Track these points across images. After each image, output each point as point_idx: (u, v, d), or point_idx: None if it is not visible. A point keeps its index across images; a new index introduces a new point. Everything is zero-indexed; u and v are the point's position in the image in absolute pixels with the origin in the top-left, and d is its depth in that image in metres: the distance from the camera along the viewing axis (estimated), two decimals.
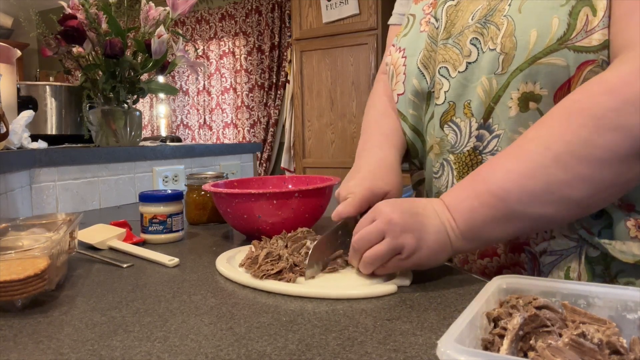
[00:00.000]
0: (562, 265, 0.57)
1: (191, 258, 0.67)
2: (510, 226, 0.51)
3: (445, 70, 0.62)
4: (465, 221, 0.51)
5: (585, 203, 0.49)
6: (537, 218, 0.49)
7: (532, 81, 0.54)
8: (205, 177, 0.92)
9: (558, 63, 0.52)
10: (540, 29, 0.52)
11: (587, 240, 0.55)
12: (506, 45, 0.55)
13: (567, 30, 0.51)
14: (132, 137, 1.43)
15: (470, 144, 0.61)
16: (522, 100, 0.55)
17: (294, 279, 0.54)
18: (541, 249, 0.58)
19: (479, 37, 0.58)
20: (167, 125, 4.54)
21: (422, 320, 0.44)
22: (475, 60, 0.59)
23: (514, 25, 0.54)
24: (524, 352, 0.32)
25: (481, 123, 0.59)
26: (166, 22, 1.37)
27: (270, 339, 0.40)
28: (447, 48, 0.62)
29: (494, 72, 0.56)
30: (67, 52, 1.32)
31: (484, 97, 0.58)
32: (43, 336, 0.42)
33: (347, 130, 3.23)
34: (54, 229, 0.62)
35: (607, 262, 0.55)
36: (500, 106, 0.57)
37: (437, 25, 0.65)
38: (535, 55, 0.53)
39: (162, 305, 0.49)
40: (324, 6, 3.19)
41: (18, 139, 1.17)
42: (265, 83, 4.13)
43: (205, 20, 4.42)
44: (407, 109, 0.70)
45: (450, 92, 0.62)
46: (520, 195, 0.48)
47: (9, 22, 4.91)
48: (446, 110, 0.63)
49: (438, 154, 0.66)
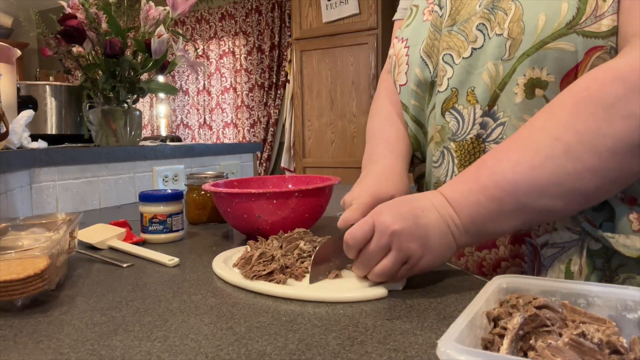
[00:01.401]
0: (563, 258, 0.56)
1: (191, 258, 0.67)
2: (516, 219, 0.49)
3: (450, 57, 0.61)
4: (470, 216, 0.50)
5: (592, 195, 0.48)
6: (543, 211, 0.48)
7: (539, 67, 0.53)
8: (205, 176, 0.92)
9: (566, 48, 0.51)
10: (549, 13, 0.51)
11: (589, 233, 0.54)
12: (514, 30, 0.54)
13: (576, 14, 0.50)
14: (132, 137, 1.43)
15: (473, 131, 0.59)
16: (528, 87, 0.54)
17: (284, 280, 0.53)
18: (543, 241, 0.57)
19: (485, 23, 0.57)
20: (167, 125, 4.54)
21: (422, 320, 0.44)
22: (481, 46, 0.58)
23: (522, 9, 0.53)
24: (524, 352, 0.32)
25: (486, 110, 0.58)
26: (166, 22, 1.37)
27: (270, 338, 0.40)
28: (452, 35, 0.61)
29: (500, 57, 0.55)
30: (67, 52, 1.32)
31: (489, 83, 0.57)
32: (43, 336, 0.42)
33: (347, 130, 3.23)
34: (54, 228, 0.62)
35: (608, 256, 0.54)
36: (506, 93, 0.56)
37: (442, 13, 0.64)
38: (543, 40, 0.52)
39: (162, 304, 0.49)
40: (324, 6, 3.19)
41: (18, 138, 1.17)
42: (265, 83, 4.12)
43: (205, 20, 4.42)
44: (409, 99, 0.70)
45: (454, 78, 0.61)
46: (529, 188, 0.47)
47: (8, 22, 4.91)
48: (448, 97, 0.62)
49: (438, 142, 0.65)
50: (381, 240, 0.50)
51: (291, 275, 0.55)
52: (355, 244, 0.51)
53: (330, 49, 3.24)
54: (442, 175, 0.65)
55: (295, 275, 0.55)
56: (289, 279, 0.54)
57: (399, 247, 0.49)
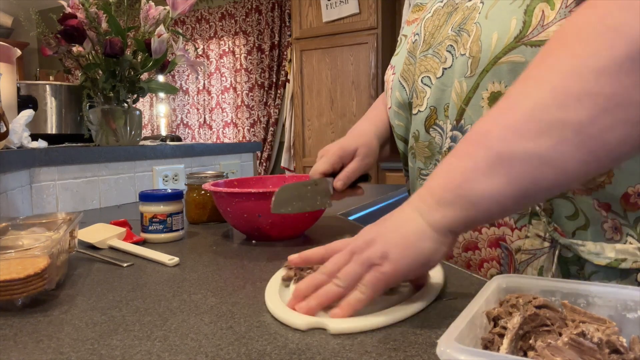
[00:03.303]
0: (535, 264, 0.57)
1: (191, 257, 0.67)
2: (498, 176, 0.40)
3: (428, 79, 0.65)
4: (441, 183, 0.43)
5: (587, 131, 0.37)
6: (529, 158, 0.39)
7: (497, 80, 0.56)
8: (205, 176, 0.92)
9: (517, 60, 0.53)
10: (500, 31, 0.55)
11: (559, 242, 0.55)
12: (473, 49, 0.58)
13: (522, 27, 0.53)
14: (132, 137, 1.43)
15: (446, 144, 0.63)
16: (491, 100, 0.57)
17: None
18: (516, 247, 0.58)
19: (453, 44, 0.61)
20: (167, 125, 4.54)
21: (422, 319, 0.44)
22: (450, 65, 0.62)
23: (480, 30, 0.57)
24: (524, 352, 0.32)
25: (454, 124, 0.61)
26: (166, 21, 1.37)
27: (270, 338, 0.40)
28: (428, 58, 0.66)
29: (464, 75, 0.59)
30: (67, 52, 1.32)
31: (456, 99, 0.61)
32: (43, 335, 0.42)
33: (347, 130, 3.21)
34: (54, 228, 0.62)
35: (581, 263, 0.55)
36: (472, 107, 0.59)
37: (416, 40, 0.69)
38: (496, 56, 0.55)
39: (162, 304, 0.49)
40: (324, 5, 3.19)
41: (18, 138, 1.17)
42: (265, 82, 4.12)
43: (205, 20, 4.42)
44: (394, 120, 0.74)
45: (431, 98, 0.65)
46: (501, 133, 0.40)
47: (9, 22, 4.91)
48: (429, 115, 0.66)
49: (429, 156, 0.67)
50: (343, 253, 0.46)
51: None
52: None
53: (330, 49, 3.24)
54: None
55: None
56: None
57: (359, 250, 0.45)
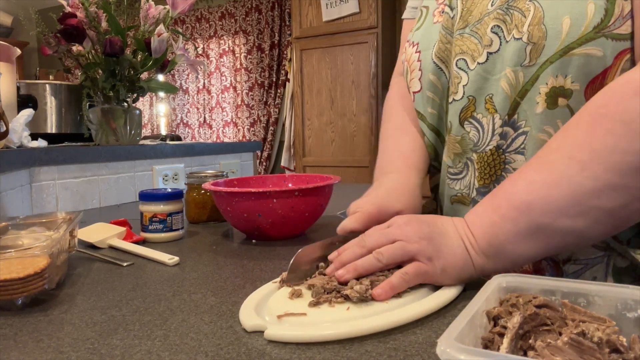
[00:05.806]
0: (587, 275, 0.54)
1: (191, 257, 0.67)
2: (536, 242, 0.46)
3: (464, 63, 0.58)
4: (485, 236, 0.47)
5: (618, 214, 0.44)
6: (566, 232, 0.45)
7: (562, 74, 0.49)
8: (205, 175, 0.92)
9: (594, 53, 0.47)
10: (573, 16, 0.47)
11: (615, 249, 0.52)
12: (534, 34, 0.50)
13: (604, 16, 0.46)
14: (132, 136, 1.43)
15: (493, 142, 0.56)
16: (550, 96, 0.51)
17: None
18: (565, 257, 0.55)
19: (501, 25, 0.53)
20: (167, 124, 4.54)
21: (422, 319, 0.43)
22: (497, 50, 0.54)
23: (542, 11, 0.49)
24: (524, 351, 0.32)
25: (505, 120, 0.55)
26: (166, 21, 1.37)
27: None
28: (465, 38, 0.57)
29: (520, 63, 0.52)
30: (67, 51, 1.32)
31: (509, 91, 0.53)
32: (43, 335, 0.42)
33: (347, 129, 3.23)
34: (54, 227, 0.62)
35: (637, 274, 0.52)
36: (527, 101, 0.53)
37: (453, 15, 0.61)
38: (568, 46, 0.48)
39: (162, 303, 0.49)
40: (324, 4, 3.19)
41: (18, 137, 1.17)
42: (265, 82, 4.12)
43: (205, 19, 4.42)
44: (426, 107, 0.66)
45: (470, 85, 0.57)
46: (544, 207, 0.45)
47: (8, 21, 4.90)
48: (465, 105, 0.58)
49: (460, 153, 0.62)
50: (390, 230, 0.48)
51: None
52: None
53: (330, 48, 3.23)
54: (465, 188, 0.63)
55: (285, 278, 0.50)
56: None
57: (408, 241, 0.47)
